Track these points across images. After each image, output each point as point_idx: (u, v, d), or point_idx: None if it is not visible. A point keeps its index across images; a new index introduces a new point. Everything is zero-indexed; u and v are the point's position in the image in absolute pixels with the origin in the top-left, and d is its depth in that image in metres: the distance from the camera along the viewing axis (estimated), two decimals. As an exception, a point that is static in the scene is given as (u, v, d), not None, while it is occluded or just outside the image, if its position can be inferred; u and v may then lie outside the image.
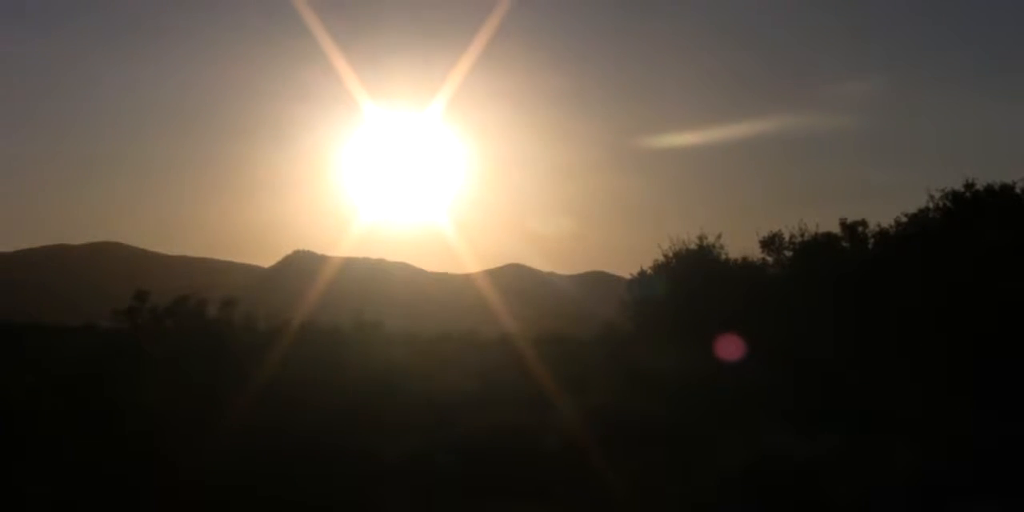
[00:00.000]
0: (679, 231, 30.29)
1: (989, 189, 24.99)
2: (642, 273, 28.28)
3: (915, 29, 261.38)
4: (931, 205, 25.34)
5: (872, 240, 26.07)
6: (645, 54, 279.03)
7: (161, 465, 14.27)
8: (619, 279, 35.80)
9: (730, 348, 21.58)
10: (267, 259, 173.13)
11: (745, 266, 27.05)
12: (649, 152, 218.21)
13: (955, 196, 25.09)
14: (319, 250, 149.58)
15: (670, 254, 27.71)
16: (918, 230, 25.04)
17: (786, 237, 26.64)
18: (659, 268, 27.90)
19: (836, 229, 26.30)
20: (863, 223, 26.17)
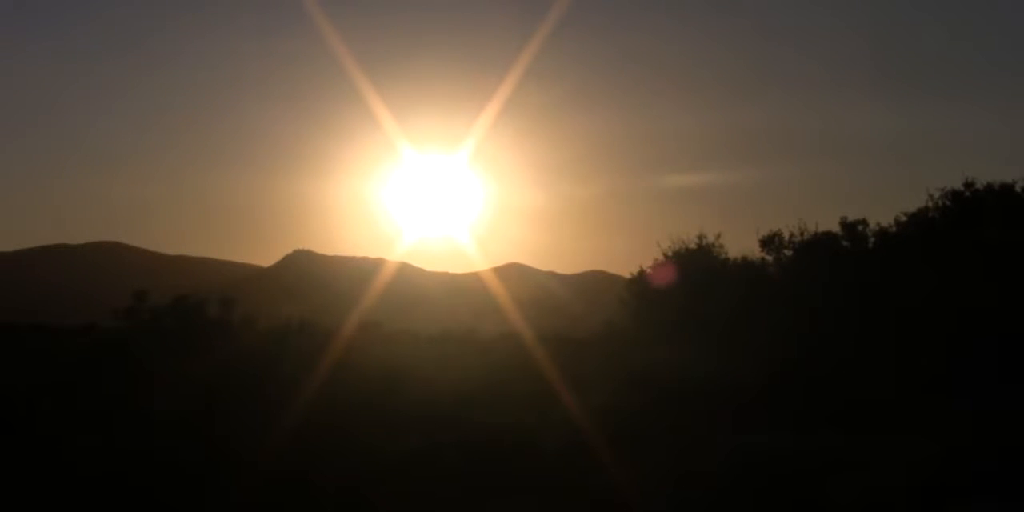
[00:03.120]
0: (679, 231, 30.33)
1: (989, 188, 24.99)
2: (642, 273, 28.29)
3: (917, 48, 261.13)
4: (931, 204, 25.34)
5: (872, 239, 26.05)
6: (655, 103, 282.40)
7: (162, 464, 14.28)
8: (619, 278, 35.76)
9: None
10: (267, 259, 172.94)
11: (745, 265, 27.04)
12: (656, 189, 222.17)
13: (955, 195, 25.09)
14: (319, 250, 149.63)
15: (670, 253, 27.72)
16: (918, 229, 25.03)
17: (786, 236, 26.63)
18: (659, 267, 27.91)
19: (836, 228, 26.29)
20: (863, 222, 26.16)
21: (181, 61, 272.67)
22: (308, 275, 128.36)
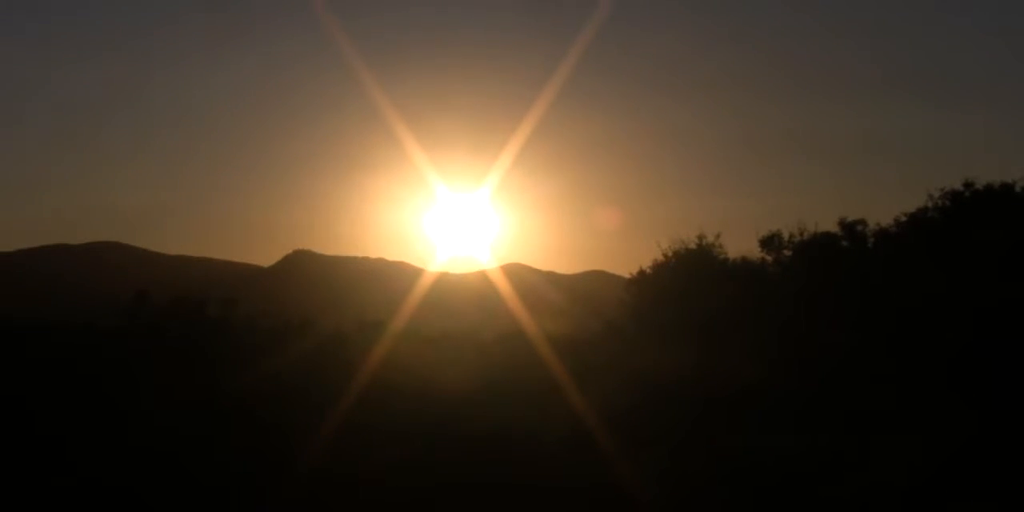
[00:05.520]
0: (679, 231, 30.32)
1: (989, 188, 24.99)
2: (642, 273, 28.25)
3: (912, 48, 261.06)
4: (930, 204, 25.35)
5: (872, 239, 26.04)
6: (658, 106, 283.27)
7: (161, 461, 14.28)
8: (619, 278, 35.72)
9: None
10: (267, 259, 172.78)
11: (745, 265, 27.01)
12: (656, 188, 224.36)
13: (955, 195, 25.09)
14: (319, 250, 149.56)
15: (669, 253, 27.69)
16: (918, 229, 25.02)
17: (785, 236, 26.60)
18: (659, 267, 27.87)
19: (836, 228, 26.27)
20: (863, 222, 26.14)
21: (186, 64, 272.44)
22: (308, 275, 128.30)
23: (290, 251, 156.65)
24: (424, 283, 30.92)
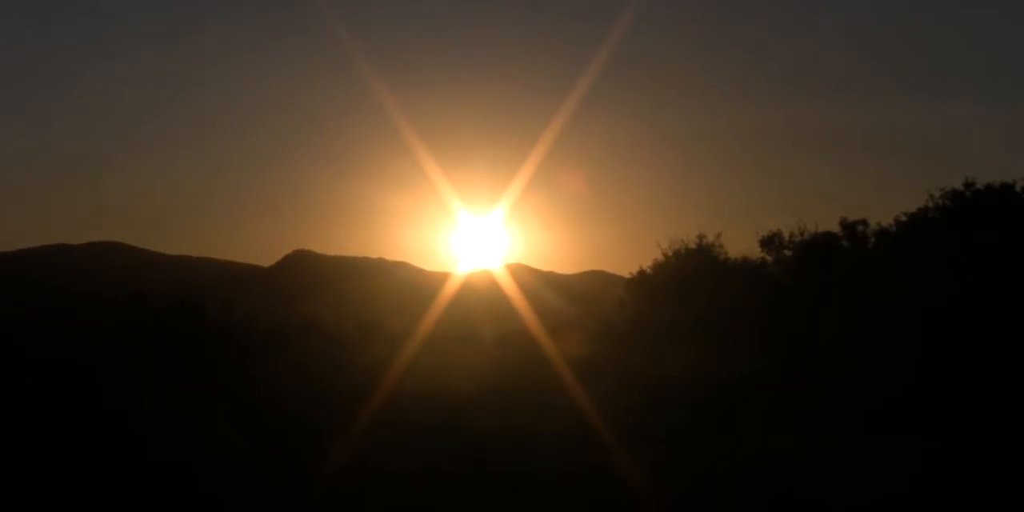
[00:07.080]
0: (679, 230, 30.18)
1: (989, 188, 25.01)
2: (642, 272, 28.26)
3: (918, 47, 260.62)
4: (931, 204, 25.37)
5: (872, 239, 26.05)
6: (658, 103, 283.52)
7: (158, 458, 14.30)
8: (619, 278, 35.67)
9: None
10: (267, 259, 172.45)
11: (745, 265, 27.01)
12: (655, 187, 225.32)
13: (955, 195, 25.11)
14: (319, 249, 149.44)
15: (669, 253, 27.69)
16: (918, 229, 25.03)
17: (786, 236, 26.62)
18: (659, 267, 27.87)
19: (836, 228, 26.30)
20: (863, 222, 26.16)
21: (189, 65, 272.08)
22: (308, 275, 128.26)
23: (290, 251, 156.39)
24: (433, 291, 30.91)
